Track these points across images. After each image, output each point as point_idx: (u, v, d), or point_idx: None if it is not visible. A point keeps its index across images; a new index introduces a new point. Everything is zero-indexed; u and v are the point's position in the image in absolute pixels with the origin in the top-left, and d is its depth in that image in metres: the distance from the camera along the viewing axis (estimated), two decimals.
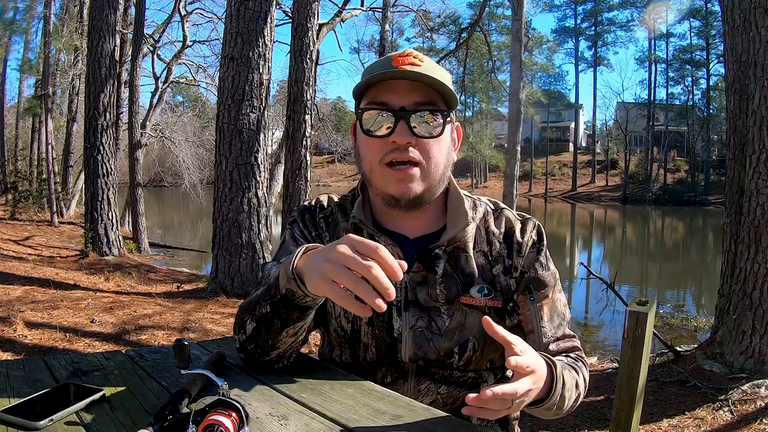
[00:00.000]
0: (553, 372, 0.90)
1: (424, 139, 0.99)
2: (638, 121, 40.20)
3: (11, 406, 0.79)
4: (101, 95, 8.34)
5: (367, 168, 1.03)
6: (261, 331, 0.93)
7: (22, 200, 14.46)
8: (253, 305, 0.94)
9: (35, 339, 4.09)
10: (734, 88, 4.20)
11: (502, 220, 1.10)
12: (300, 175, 6.84)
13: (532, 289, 1.06)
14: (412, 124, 0.98)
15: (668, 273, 13.44)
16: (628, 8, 40.77)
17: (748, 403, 3.33)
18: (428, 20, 19.98)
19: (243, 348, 0.98)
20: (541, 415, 0.97)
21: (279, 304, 0.89)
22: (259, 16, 6.14)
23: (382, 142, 0.99)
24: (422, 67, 0.98)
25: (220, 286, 6.24)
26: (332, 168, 49.97)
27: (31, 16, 15.82)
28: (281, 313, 0.89)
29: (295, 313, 0.89)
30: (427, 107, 0.98)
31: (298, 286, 0.84)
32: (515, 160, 8.15)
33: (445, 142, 1.03)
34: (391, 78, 0.98)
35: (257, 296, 0.95)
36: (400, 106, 0.97)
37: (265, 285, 0.95)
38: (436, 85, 0.98)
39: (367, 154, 1.02)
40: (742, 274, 3.78)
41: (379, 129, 0.99)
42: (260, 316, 0.92)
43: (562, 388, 0.92)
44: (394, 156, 0.98)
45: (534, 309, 1.05)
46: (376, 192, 1.05)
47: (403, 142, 0.97)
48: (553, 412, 0.95)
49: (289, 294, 0.86)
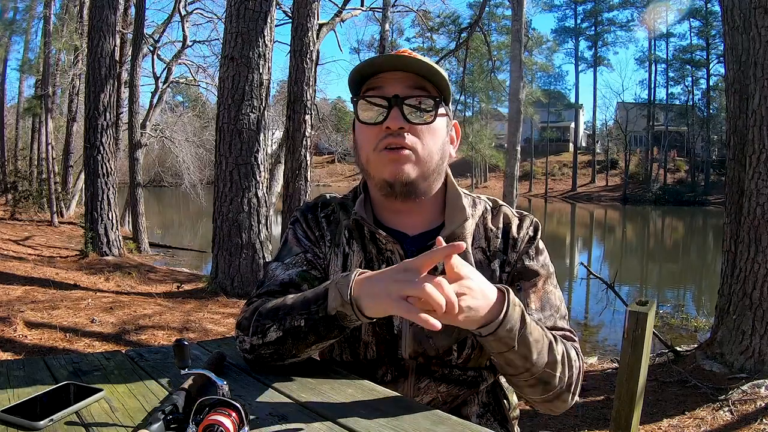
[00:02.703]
0: (505, 297, 0.88)
1: (417, 126, 1.01)
2: (638, 121, 40.21)
3: (11, 406, 0.79)
4: (101, 95, 8.33)
5: (364, 158, 1.04)
6: (287, 341, 0.94)
7: (22, 200, 14.46)
8: (280, 314, 0.94)
9: (35, 339, 4.09)
10: (734, 88, 4.20)
11: (500, 216, 1.11)
12: (300, 175, 6.83)
13: (518, 279, 1.06)
14: (404, 110, 0.99)
15: (668, 273, 13.45)
16: (628, 8, 40.84)
17: (748, 403, 3.33)
18: (428, 20, 20.00)
19: (254, 350, 0.98)
20: (512, 366, 0.93)
21: (320, 323, 0.90)
22: (259, 16, 6.14)
23: (376, 130, 1.01)
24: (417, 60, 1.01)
25: (220, 286, 6.25)
26: (332, 168, 49.98)
27: (31, 16, 15.83)
28: (320, 331, 0.91)
29: (334, 332, 0.91)
30: (420, 93, 1.00)
31: (353, 310, 0.86)
32: (515, 160, 8.15)
33: (440, 133, 1.04)
34: (387, 64, 1.00)
35: (287, 307, 0.94)
36: (394, 94, 0.99)
37: (300, 298, 0.94)
38: (431, 74, 1.00)
39: (364, 143, 1.04)
40: (742, 274, 3.78)
41: (374, 117, 1.01)
42: (291, 327, 0.92)
43: (521, 326, 0.89)
44: (388, 141, 1.00)
45: (519, 298, 1.05)
46: (373, 183, 1.06)
47: (395, 127, 0.99)
48: (521, 365, 0.91)
49: (339, 316, 0.88)
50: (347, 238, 1.09)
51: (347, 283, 0.87)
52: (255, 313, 0.99)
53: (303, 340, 0.93)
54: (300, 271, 1.07)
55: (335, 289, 0.89)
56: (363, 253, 1.07)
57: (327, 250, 1.10)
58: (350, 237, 1.09)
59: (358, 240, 1.08)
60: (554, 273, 1.11)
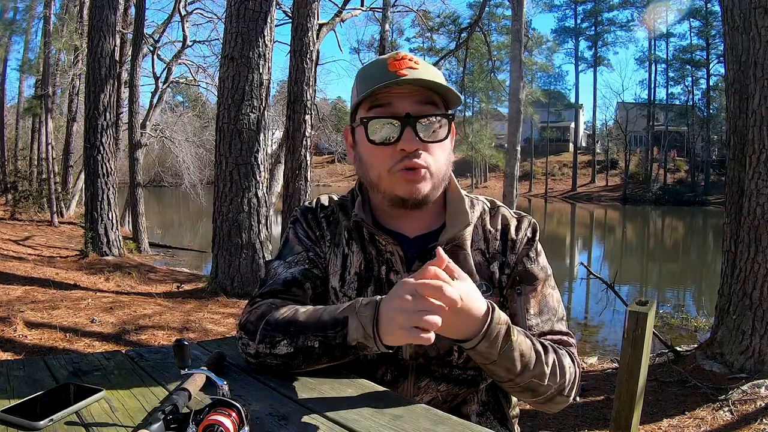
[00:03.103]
0: (488, 312, 0.89)
1: (430, 144, 1.00)
2: (638, 121, 40.21)
3: (11, 406, 0.79)
4: (101, 95, 8.33)
5: (374, 176, 1.03)
6: (298, 358, 0.94)
7: (22, 200, 14.46)
8: (292, 330, 0.93)
9: (35, 339, 4.09)
10: (734, 88, 4.20)
11: (498, 218, 1.11)
12: (300, 175, 6.84)
13: (518, 282, 1.06)
14: (417, 130, 0.99)
15: (668, 273, 13.45)
16: (628, 8, 40.85)
17: (748, 403, 3.33)
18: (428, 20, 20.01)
19: (259, 357, 0.97)
20: (495, 375, 0.95)
21: (336, 349, 0.90)
22: (259, 16, 6.14)
23: (390, 150, 1.00)
24: (419, 69, 0.99)
25: (220, 286, 6.25)
26: (332, 168, 49.97)
27: (31, 16, 15.82)
28: (335, 355, 0.92)
29: (349, 356, 0.92)
30: (431, 111, 1.00)
31: (375, 343, 0.86)
32: (515, 160, 8.15)
33: (448, 144, 1.05)
34: (395, 85, 0.98)
35: (300, 324, 0.94)
36: (405, 112, 0.98)
37: (315, 318, 0.93)
38: (438, 88, 0.99)
39: (375, 162, 1.02)
40: (742, 274, 3.78)
41: (386, 137, 1.00)
42: (303, 347, 0.92)
43: (507, 343, 0.90)
44: (405, 164, 0.99)
45: (520, 302, 1.06)
46: (382, 196, 1.05)
47: (411, 149, 0.98)
48: (505, 375, 0.93)
49: (359, 347, 0.89)
50: (347, 239, 1.09)
51: (370, 316, 0.87)
52: (263, 320, 0.97)
53: (316, 360, 0.93)
54: (302, 269, 1.07)
55: (356, 319, 0.88)
56: (362, 254, 1.07)
57: (327, 250, 1.10)
58: (350, 238, 1.09)
59: (358, 241, 1.08)
60: (552, 274, 1.11)
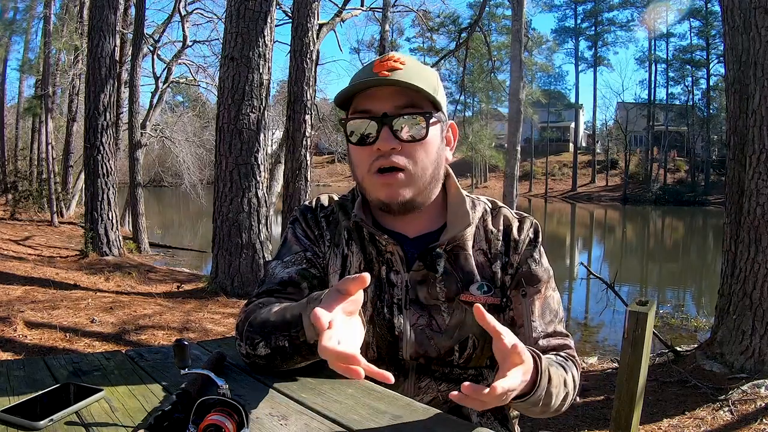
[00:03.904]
0: (538, 365, 0.87)
1: (409, 143, 0.99)
2: (638, 121, 40.21)
3: (11, 406, 0.79)
4: (101, 95, 8.33)
5: (359, 177, 1.04)
6: (276, 359, 0.94)
7: (22, 200, 14.45)
8: (266, 332, 0.93)
9: (35, 339, 4.09)
10: (734, 88, 4.20)
11: (500, 218, 1.11)
12: (300, 175, 6.84)
13: (524, 284, 1.06)
14: (395, 129, 0.98)
15: (668, 273, 13.45)
16: (628, 8, 40.86)
17: (748, 403, 3.33)
18: (428, 20, 20.01)
19: (249, 357, 0.99)
20: (527, 411, 0.95)
21: (302, 346, 0.90)
22: (259, 16, 6.14)
23: (368, 151, 1.00)
24: (403, 70, 0.98)
25: (220, 286, 6.25)
26: (332, 168, 49.96)
27: (31, 16, 15.82)
28: (304, 353, 0.91)
29: (317, 356, 0.88)
30: (409, 110, 0.98)
31: None
32: (515, 160, 8.15)
33: (433, 144, 1.03)
34: (372, 86, 0.98)
35: (270, 324, 0.93)
36: (382, 112, 0.98)
37: (281, 317, 0.92)
38: (412, 88, 0.97)
39: (357, 163, 1.03)
40: (742, 274, 3.78)
41: (364, 137, 1.00)
42: (276, 347, 0.92)
43: (548, 383, 0.89)
44: (380, 163, 0.99)
45: (525, 304, 1.06)
46: (369, 198, 1.06)
47: (386, 148, 0.98)
48: (539, 408, 0.93)
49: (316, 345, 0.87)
50: (347, 239, 1.09)
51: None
52: (246, 321, 0.98)
53: (290, 358, 0.93)
54: (299, 269, 1.07)
55: (307, 318, 0.86)
56: (362, 255, 1.07)
57: (326, 250, 1.10)
58: (349, 238, 1.09)
59: (358, 241, 1.08)
60: (552, 275, 1.12)
